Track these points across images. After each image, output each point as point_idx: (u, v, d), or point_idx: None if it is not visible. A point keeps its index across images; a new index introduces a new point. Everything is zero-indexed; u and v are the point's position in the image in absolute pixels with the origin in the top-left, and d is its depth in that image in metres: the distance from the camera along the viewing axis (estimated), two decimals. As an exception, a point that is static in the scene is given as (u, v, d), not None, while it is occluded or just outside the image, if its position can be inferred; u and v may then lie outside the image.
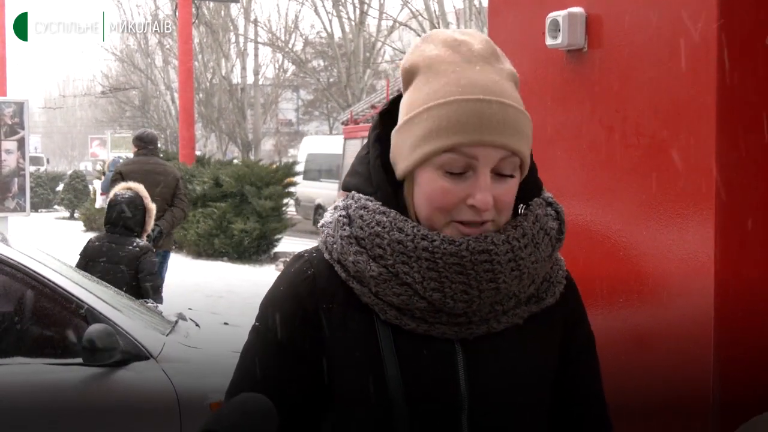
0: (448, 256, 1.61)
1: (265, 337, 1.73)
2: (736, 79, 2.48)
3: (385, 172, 1.69)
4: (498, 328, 1.68)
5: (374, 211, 1.67)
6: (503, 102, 1.60)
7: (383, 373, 1.65)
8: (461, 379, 1.66)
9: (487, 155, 1.59)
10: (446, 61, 1.64)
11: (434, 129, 1.61)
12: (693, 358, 2.54)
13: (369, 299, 1.67)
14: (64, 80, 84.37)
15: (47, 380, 4.48)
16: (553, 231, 1.71)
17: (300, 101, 49.62)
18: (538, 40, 2.99)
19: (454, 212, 1.62)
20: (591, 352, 1.84)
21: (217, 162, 23.30)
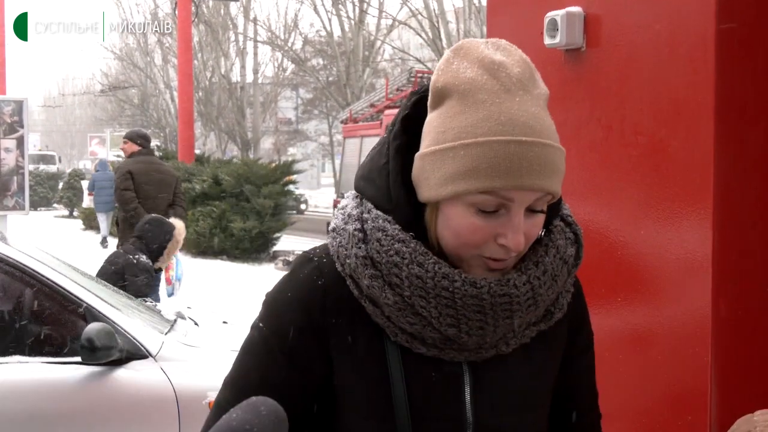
0: (468, 298, 1.57)
1: (267, 342, 1.69)
2: (735, 78, 2.48)
3: (406, 191, 1.62)
4: (507, 350, 1.66)
5: (393, 237, 1.60)
6: (544, 143, 1.54)
7: (389, 392, 1.63)
8: (467, 401, 1.65)
9: (524, 197, 1.54)
10: (484, 89, 1.55)
11: (471, 169, 1.53)
12: (691, 357, 2.54)
13: (381, 320, 1.63)
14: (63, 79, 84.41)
15: (46, 379, 4.48)
16: (571, 258, 1.67)
17: (299, 100, 49.65)
18: (537, 39, 2.99)
19: (483, 248, 1.57)
20: (590, 350, 1.84)
21: (216, 161, 23.32)
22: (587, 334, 1.83)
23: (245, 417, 1.46)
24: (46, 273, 4.70)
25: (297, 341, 1.66)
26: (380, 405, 1.63)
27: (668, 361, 2.61)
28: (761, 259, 2.52)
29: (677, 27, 2.60)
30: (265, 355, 1.69)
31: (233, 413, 1.47)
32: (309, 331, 1.65)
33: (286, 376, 1.67)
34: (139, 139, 10.50)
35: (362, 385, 1.65)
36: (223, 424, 1.45)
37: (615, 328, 2.78)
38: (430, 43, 28.87)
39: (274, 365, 1.67)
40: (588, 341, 1.83)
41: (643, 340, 2.70)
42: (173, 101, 43.41)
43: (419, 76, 19.92)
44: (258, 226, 19.48)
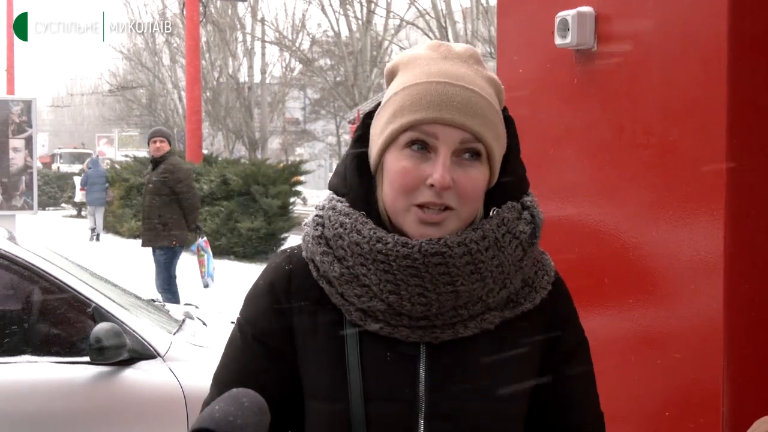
0: (401, 259, 1.61)
1: (243, 330, 1.77)
2: (747, 78, 2.46)
3: (359, 172, 1.71)
4: (465, 333, 1.66)
5: (340, 212, 1.69)
6: (468, 87, 1.63)
7: (345, 373, 1.66)
8: (421, 383, 1.66)
9: (447, 135, 1.61)
10: (423, 58, 1.68)
11: (398, 109, 1.64)
12: (703, 358, 2.53)
13: (336, 300, 1.69)
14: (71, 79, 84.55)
15: (54, 379, 4.49)
16: (524, 235, 1.68)
17: (307, 100, 49.64)
18: (547, 39, 2.98)
19: (415, 194, 1.62)
20: (579, 359, 1.79)
21: (224, 160, 23.35)
22: (573, 342, 1.79)
23: (228, 409, 1.47)
24: (55, 273, 4.70)
25: (266, 326, 1.73)
26: (335, 386, 1.67)
27: (680, 362, 2.60)
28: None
29: (689, 26, 2.59)
30: (241, 343, 1.76)
31: (216, 405, 1.48)
32: (276, 315, 1.72)
33: (260, 363, 1.73)
34: (170, 138, 10.90)
35: (321, 367, 1.69)
36: (206, 416, 1.46)
37: (626, 329, 2.76)
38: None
39: (249, 353, 1.75)
40: (573, 348, 1.79)
41: (655, 342, 2.69)
42: (181, 101, 43.48)
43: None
44: (265, 226, 19.49)
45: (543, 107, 3.06)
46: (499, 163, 1.68)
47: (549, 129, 3.01)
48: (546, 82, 3.11)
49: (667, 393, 2.65)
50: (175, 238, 10.51)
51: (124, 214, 24.15)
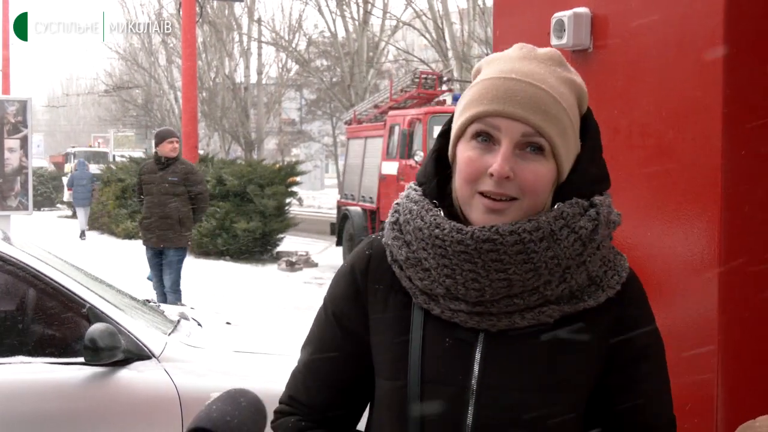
0: (455, 244, 1.68)
1: (326, 307, 1.90)
2: (743, 79, 2.47)
3: (437, 163, 1.80)
4: (522, 323, 1.71)
5: (411, 199, 1.79)
6: (534, 84, 1.69)
7: (407, 353, 1.75)
8: (474, 369, 1.72)
9: (510, 127, 1.68)
10: (503, 57, 1.76)
11: (467, 103, 1.73)
12: (697, 359, 2.53)
13: (406, 283, 1.79)
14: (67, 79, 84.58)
15: (49, 379, 4.47)
16: (584, 230, 1.71)
17: (303, 101, 49.63)
18: (544, 40, 2.98)
19: (478, 183, 1.69)
20: (648, 361, 1.81)
21: (220, 161, 23.31)
22: (641, 344, 1.80)
23: (225, 408, 1.48)
24: (50, 273, 4.69)
25: (344, 304, 1.85)
26: (397, 365, 1.76)
27: (674, 363, 2.59)
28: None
29: (685, 28, 2.59)
30: (324, 319, 1.90)
31: (213, 405, 1.49)
32: (354, 294, 1.84)
33: (337, 339, 1.86)
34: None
35: (387, 347, 1.79)
36: (204, 415, 1.47)
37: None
38: (434, 44, 28.88)
39: (329, 328, 1.87)
40: (642, 351, 1.80)
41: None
42: (177, 101, 43.43)
43: (423, 77, 19.90)
44: (261, 227, 19.47)
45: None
46: (567, 160, 1.73)
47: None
48: (542, 83, 3.11)
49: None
50: (188, 238, 10.59)
51: (119, 214, 24.13)
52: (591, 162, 1.77)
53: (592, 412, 1.79)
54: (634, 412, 1.80)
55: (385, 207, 17.51)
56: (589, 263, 1.73)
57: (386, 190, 17.55)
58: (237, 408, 1.50)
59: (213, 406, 1.50)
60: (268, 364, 4.77)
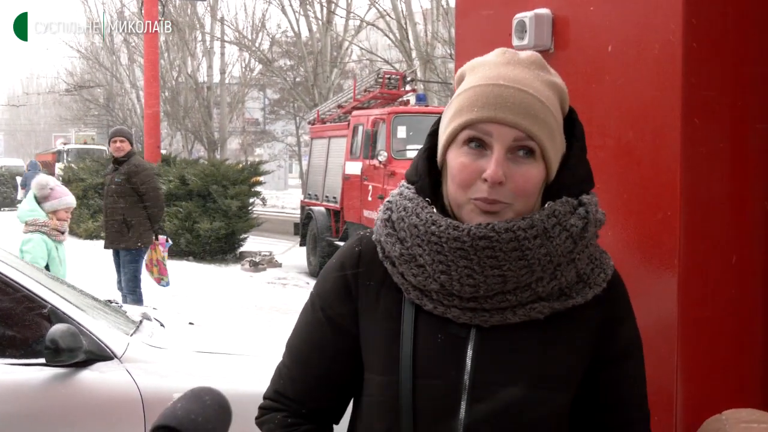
0: (451, 241, 1.72)
1: (314, 303, 1.93)
2: (701, 81, 2.49)
3: (429, 163, 1.85)
4: (514, 319, 1.76)
5: (405, 197, 1.84)
6: (522, 89, 1.74)
7: (399, 348, 1.78)
8: (467, 364, 1.75)
9: (501, 133, 1.73)
10: (487, 63, 1.82)
11: (458, 110, 1.78)
12: (657, 357, 2.55)
13: (397, 279, 1.82)
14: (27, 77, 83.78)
15: (9, 380, 4.44)
16: (575, 228, 1.78)
17: (266, 100, 49.54)
18: (505, 40, 2.99)
19: (472, 189, 1.74)
20: (630, 358, 1.88)
21: (182, 161, 23.23)
22: (625, 341, 1.87)
23: (190, 407, 1.49)
24: (10, 273, 4.65)
25: (333, 301, 1.89)
26: (390, 360, 1.79)
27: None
28: (728, 260, 2.53)
29: (645, 29, 2.61)
30: (311, 315, 1.92)
31: (178, 403, 1.50)
32: (343, 292, 1.88)
33: (325, 335, 1.89)
34: (132, 138, 10.97)
35: (379, 342, 1.82)
36: (169, 413, 1.47)
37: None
38: (398, 44, 28.91)
39: (317, 325, 1.90)
40: (626, 349, 1.87)
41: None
42: (139, 101, 43.21)
43: (387, 77, 19.91)
44: (225, 227, 19.41)
45: (500, 108, 3.07)
46: (555, 161, 1.79)
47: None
48: (503, 83, 3.12)
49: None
50: (139, 239, 10.46)
51: (81, 214, 23.96)
52: (579, 162, 1.84)
53: (575, 407, 1.83)
54: (617, 407, 1.86)
55: (349, 207, 17.50)
56: (578, 261, 1.79)
57: (350, 190, 17.53)
58: (202, 406, 1.51)
59: (178, 404, 1.50)
60: (231, 364, 4.77)
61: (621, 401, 1.86)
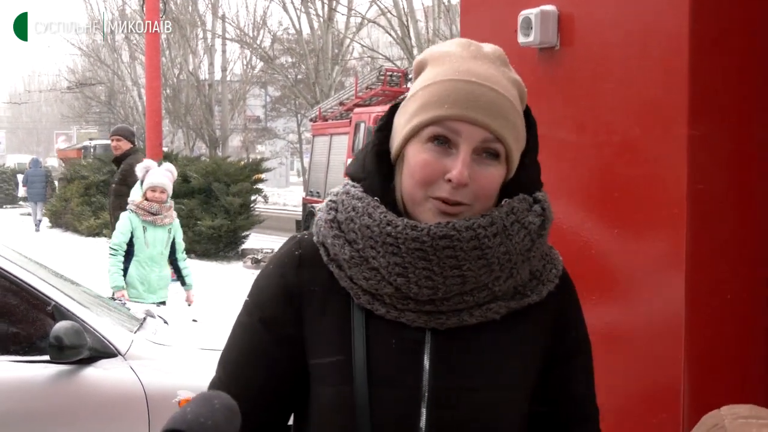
0: (410, 241, 1.64)
1: (250, 313, 1.79)
2: (708, 76, 2.49)
3: (379, 159, 1.74)
4: (471, 321, 1.69)
5: (353, 196, 1.72)
6: (494, 89, 1.66)
7: (351, 357, 1.68)
8: (424, 370, 1.68)
9: (470, 133, 1.64)
10: (453, 55, 1.71)
11: (424, 103, 1.67)
12: (664, 355, 2.55)
13: (345, 283, 1.71)
14: (29, 75, 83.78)
15: (13, 377, 4.44)
16: (533, 226, 1.71)
17: (268, 98, 49.51)
18: (510, 37, 2.99)
19: (433, 188, 1.66)
20: (582, 356, 1.84)
21: (184, 158, 23.22)
22: (577, 338, 1.83)
23: (199, 410, 1.48)
24: (14, 271, 4.65)
25: (274, 309, 1.75)
26: (342, 370, 1.69)
27: (641, 359, 2.62)
28: (734, 257, 2.53)
29: (651, 26, 2.61)
30: (248, 326, 1.78)
31: (188, 407, 1.49)
32: (284, 298, 1.74)
33: (265, 346, 1.76)
34: (132, 136, 10.88)
35: (328, 351, 1.71)
36: (178, 417, 1.47)
37: (589, 327, 2.77)
38: (399, 41, 28.88)
39: (255, 335, 1.77)
40: (578, 345, 1.83)
41: (617, 339, 2.71)
42: (141, 98, 43.14)
43: (388, 74, 19.91)
44: (227, 224, 19.41)
45: (506, 105, 3.07)
46: (516, 163, 1.72)
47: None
48: (509, 80, 3.12)
49: (629, 390, 2.67)
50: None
51: (83, 212, 23.96)
52: (533, 161, 1.76)
53: (532, 405, 1.78)
54: (570, 404, 1.82)
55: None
56: (533, 258, 1.73)
57: (352, 187, 17.49)
58: (211, 410, 1.50)
59: (187, 409, 1.50)
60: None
61: (575, 397, 1.82)
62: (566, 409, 1.82)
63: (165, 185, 8.04)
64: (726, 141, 2.52)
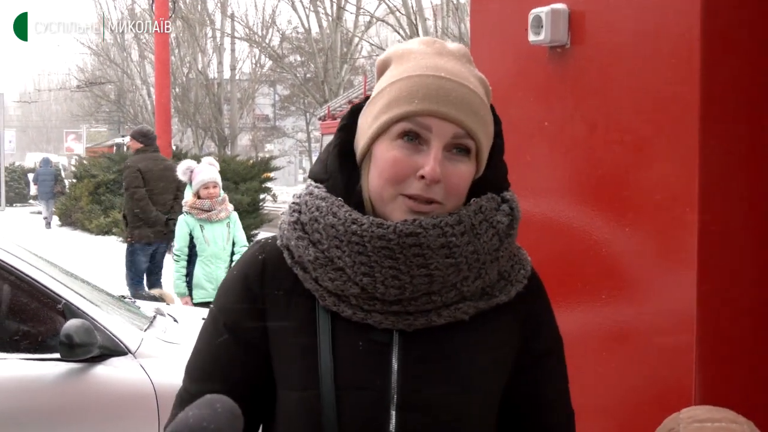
0: (375, 239, 1.61)
1: (216, 320, 1.76)
2: (719, 75, 2.48)
3: (342, 159, 1.72)
4: (439, 321, 1.66)
5: (316, 196, 1.70)
6: (464, 84, 1.65)
7: (317, 361, 1.66)
8: (393, 372, 1.65)
9: (441, 128, 1.62)
10: (417, 52, 1.69)
11: (393, 99, 1.65)
12: (675, 354, 2.55)
13: (310, 285, 1.68)
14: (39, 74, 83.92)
15: (24, 375, 4.45)
16: (501, 225, 1.69)
17: (277, 96, 49.53)
18: (521, 36, 2.99)
19: (404, 185, 1.63)
20: (554, 357, 1.81)
21: (193, 157, 23.21)
22: (548, 339, 1.80)
23: (201, 414, 1.48)
24: (25, 269, 4.67)
25: (238, 314, 1.73)
26: (307, 374, 1.66)
27: (652, 358, 2.62)
28: (746, 256, 2.53)
29: (662, 24, 2.61)
30: (214, 333, 1.76)
31: (189, 411, 1.48)
32: (249, 303, 1.72)
33: (232, 352, 1.73)
34: (141, 137, 11.00)
35: (293, 355, 1.69)
36: (180, 422, 1.46)
37: (599, 325, 2.78)
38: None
39: (221, 342, 1.74)
40: (549, 346, 1.80)
41: (627, 338, 2.71)
42: (150, 97, 43.20)
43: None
44: (235, 223, 19.42)
45: (516, 104, 3.07)
46: (485, 160, 1.70)
47: (522, 126, 3.02)
48: (519, 79, 3.13)
49: (639, 388, 2.66)
50: (131, 233, 10.72)
51: (93, 210, 24.00)
52: (500, 159, 1.75)
53: (502, 408, 1.76)
54: (544, 406, 1.79)
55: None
56: (501, 258, 1.71)
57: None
58: (214, 413, 1.50)
59: (189, 412, 1.50)
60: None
61: (542, 404, 1.79)
62: (534, 415, 1.79)
63: (216, 179, 8.02)
64: (737, 140, 2.52)
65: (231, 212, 8.10)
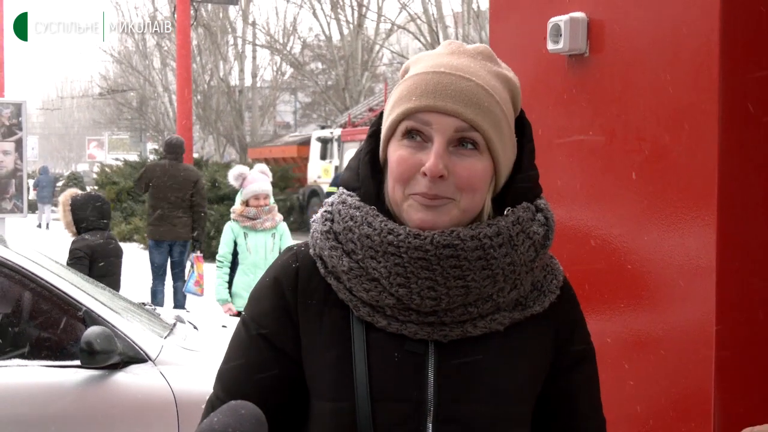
0: (412, 250, 1.59)
1: (248, 327, 1.74)
2: (739, 83, 2.47)
3: (372, 166, 1.70)
4: (474, 332, 1.65)
5: (350, 206, 1.68)
6: (465, 77, 1.63)
7: (351, 371, 1.64)
8: (429, 384, 1.64)
9: (441, 122, 1.61)
10: (432, 54, 1.70)
11: (396, 101, 1.66)
12: (694, 363, 2.53)
13: (344, 295, 1.67)
14: (62, 82, 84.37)
15: (45, 382, 4.47)
16: (537, 236, 1.67)
17: (298, 104, 49.63)
18: (540, 44, 2.99)
19: (411, 185, 1.62)
20: (586, 366, 1.80)
21: (214, 164, 23.33)
22: (581, 347, 1.79)
23: (226, 420, 1.48)
24: (46, 276, 4.69)
25: (271, 322, 1.71)
26: (341, 385, 1.64)
27: (672, 367, 2.61)
28: (765, 264, 2.51)
29: (680, 32, 2.60)
30: (246, 340, 1.73)
31: (215, 417, 1.49)
32: (282, 312, 1.70)
33: (264, 361, 1.70)
34: (162, 145, 12.12)
35: (327, 365, 1.66)
36: (205, 427, 1.47)
37: (618, 334, 2.77)
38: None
39: (253, 351, 1.72)
40: (582, 354, 1.79)
41: (647, 347, 2.70)
42: (172, 104, 43.44)
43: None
44: (256, 230, 19.45)
45: (535, 112, 3.05)
46: (504, 156, 1.66)
47: (541, 134, 3.00)
48: (538, 87, 3.12)
49: (659, 398, 2.65)
50: (147, 232, 11.49)
51: (115, 217, 24.13)
52: (531, 164, 1.72)
53: (536, 414, 1.75)
54: (580, 413, 1.78)
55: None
56: (535, 268, 1.70)
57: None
58: (238, 419, 1.50)
59: (214, 419, 1.50)
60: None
61: (576, 414, 1.77)
62: (570, 421, 1.78)
63: (268, 191, 7.84)
64: (757, 148, 2.51)
65: (279, 222, 7.90)
